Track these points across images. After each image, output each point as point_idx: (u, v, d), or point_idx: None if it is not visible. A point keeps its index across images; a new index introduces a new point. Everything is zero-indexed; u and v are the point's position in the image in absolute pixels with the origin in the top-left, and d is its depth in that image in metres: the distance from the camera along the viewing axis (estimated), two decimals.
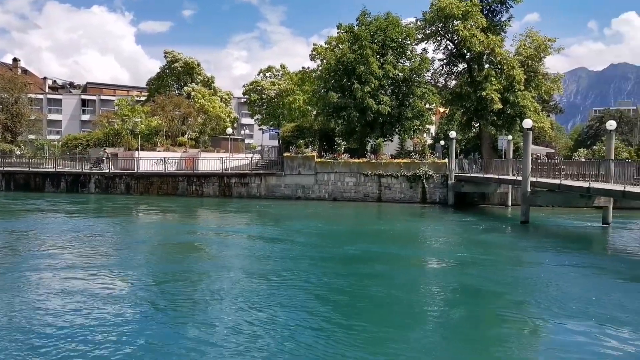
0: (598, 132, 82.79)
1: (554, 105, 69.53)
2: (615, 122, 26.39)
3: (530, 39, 42.63)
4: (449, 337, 9.46)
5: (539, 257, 17.43)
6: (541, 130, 47.11)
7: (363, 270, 14.64)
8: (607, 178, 23.52)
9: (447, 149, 37.98)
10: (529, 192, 25.41)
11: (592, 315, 10.43)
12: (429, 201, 35.74)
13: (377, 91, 39.71)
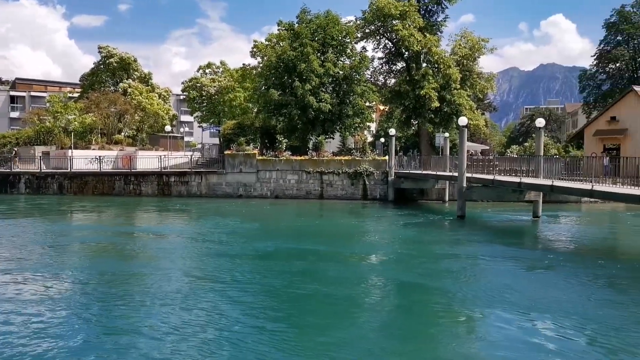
0: (529, 129, 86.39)
1: (488, 103, 72.12)
2: (544, 120, 27.67)
3: (465, 39, 43.99)
4: (386, 331, 9.66)
5: (474, 250, 18.05)
6: (476, 128, 48.70)
7: (302, 267, 14.71)
8: (537, 173, 24.65)
9: (387, 146, 38.67)
10: (464, 188, 26.23)
11: (523, 305, 10.90)
12: (370, 198, 36.28)
13: (318, 89, 39.92)
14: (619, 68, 69.46)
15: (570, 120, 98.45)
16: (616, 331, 9.27)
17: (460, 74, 42.18)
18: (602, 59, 69.72)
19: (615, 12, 68.81)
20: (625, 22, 67.59)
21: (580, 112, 78.89)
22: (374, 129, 69.85)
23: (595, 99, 69.79)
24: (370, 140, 62.37)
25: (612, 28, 68.95)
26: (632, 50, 68.93)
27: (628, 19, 67.58)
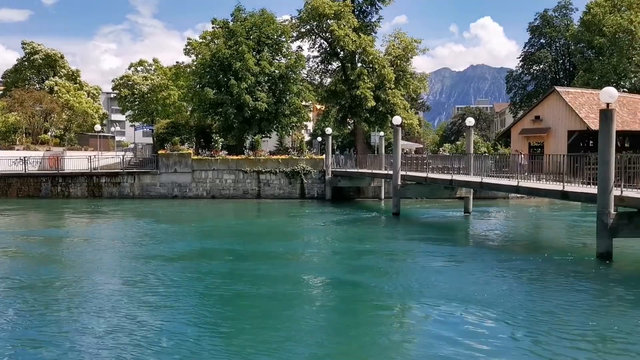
0: (460, 128, 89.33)
1: (421, 103, 74.05)
2: (474, 119, 28.70)
3: (399, 40, 44.93)
4: (321, 328, 9.72)
5: (408, 246, 18.48)
6: (410, 127, 49.80)
7: (237, 267, 14.57)
8: (467, 170, 25.54)
9: (324, 145, 38.93)
10: (399, 185, 26.78)
11: (455, 299, 11.25)
12: (307, 196, 36.41)
13: (254, 87, 39.66)
14: (543, 69, 72.94)
15: (498, 119, 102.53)
16: (538, 320, 9.72)
17: (394, 74, 43.05)
18: (527, 60, 73.02)
19: (539, 16, 72.22)
20: (548, 25, 71.04)
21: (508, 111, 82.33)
22: (311, 128, 70.21)
23: (521, 99, 73.02)
24: (308, 139, 62.61)
25: (536, 31, 72.31)
26: (554, 52, 72.54)
27: (550, 23, 71.06)
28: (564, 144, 37.13)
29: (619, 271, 13.80)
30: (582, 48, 63.63)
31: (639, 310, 10.41)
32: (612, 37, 58.29)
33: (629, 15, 58.68)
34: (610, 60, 58.94)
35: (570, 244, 19.19)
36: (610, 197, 14.30)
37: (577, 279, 12.96)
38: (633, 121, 38.86)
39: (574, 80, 62.38)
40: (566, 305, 10.63)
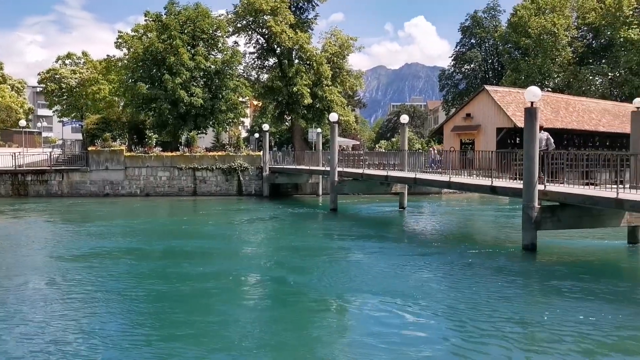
0: (396, 125, 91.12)
1: (358, 100, 75.01)
2: (408, 116, 29.35)
3: (335, 37, 45.30)
4: (257, 326, 9.70)
5: (345, 241, 18.71)
6: (347, 124, 50.38)
7: (172, 266, 14.29)
8: (402, 167, 26.14)
9: (262, 141, 38.73)
10: (336, 182, 27.05)
11: (389, 293, 11.50)
12: (245, 193, 36.12)
13: (189, 83, 38.91)
14: (473, 69, 75.56)
15: (432, 116, 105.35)
16: (468, 312, 10.10)
17: (331, 71, 43.38)
18: (459, 60, 75.43)
19: (469, 17, 74.70)
20: (478, 26, 73.61)
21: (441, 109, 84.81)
22: (248, 125, 69.70)
23: (453, 97, 75.38)
24: (245, 136, 62.13)
25: (467, 32, 74.81)
26: (484, 52, 75.27)
27: (480, 24, 73.67)
28: (493, 141, 38.63)
29: (543, 262, 14.52)
30: (509, 48, 66.38)
31: (561, 299, 10.99)
32: (537, 38, 61.13)
33: (552, 18, 61.69)
34: (535, 60, 61.75)
35: (498, 237, 20.02)
36: (535, 192, 15.02)
37: (504, 270, 13.53)
38: (556, 119, 40.93)
39: (502, 79, 65.03)
40: (494, 296, 11.09)
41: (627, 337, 8.67)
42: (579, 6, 65.23)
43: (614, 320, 9.35)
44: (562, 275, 12.82)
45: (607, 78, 63.47)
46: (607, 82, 63.61)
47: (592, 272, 13.24)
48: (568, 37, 62.58)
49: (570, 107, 44.14)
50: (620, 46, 60.30)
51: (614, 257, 15.76)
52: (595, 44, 66.40)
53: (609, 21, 60.98)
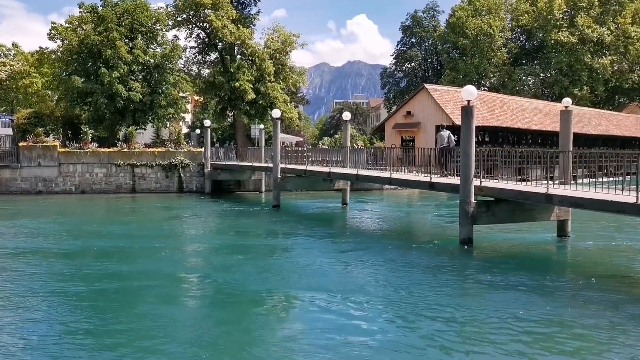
0: (339, 122, 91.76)
1: (301, 97, 75.10)
2: (350, 113, 29.63)
3: (278, 34, 45.10)
4: (199, 326, 9.57)
5: (288, 238, 18.72)
6: (291, 120, 50.31)
7: (107, 267, 13.87)
8: (345, 163, 26.39)
9: (203, 137, 38.13)
10: (279, 178, 27.00)
11: (334, 289, 11.60)
12: (186, 190, 35.48)
13: (127, 77, 37.78)
14: (414, 67, 77.12)
15: (374, 113, 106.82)
16: (408, 305, 10.34)
17: (274, 68, 43.18)
18: (400, 58, 76.79)
19: (410, 17, 76.14)
20: (418, 26, 75.15)
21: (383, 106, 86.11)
22: (189, 120, 68.47)
23: (395, 95, 76.68)
24: (186, 132, 61.01)
25: (407, 31, 76.24)
26: (424, 51, 76.92)
27: (420, 24, 75.24)
28: (432, 138, 39.59)
29: (478, 256, 15.03)
30: (448, 48, 68.18)
31: (495, 291, 11.41)
32: (474, 39, 63.06)
33: (488, 20, 63.78)
34: (472, 60, 63.69)
35: (436, 232, 20.55)
36: (471, 187, 15.51)
37: (442, 265, 13.90)
38: (492, 117, 42.38)
39: (441, 78, 66.71)
40: (432, 290, 11.39)
41: (556, 329, 9.09)
42: (513, 9, 67.74)
43: (545, 312, 9.78)
44: (496, 268, 13.30)
45: (539, 78, 66.28)
46: (539, 82, 66.41)
47: (525, 265, 13.80)
48: (503, 39, 64.91)
49: (505, 105, 45.79)
50: (551, 48, 63.12)
51: (545, 250, 16.50)
52: (528, 46, 69.19)
53: (541, 24, 63.70)
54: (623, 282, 12.19)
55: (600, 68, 61.86)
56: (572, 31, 61.88)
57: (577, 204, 13.57)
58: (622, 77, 64.81)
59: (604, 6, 65.46)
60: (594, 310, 9.85)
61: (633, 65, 64.98)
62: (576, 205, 13.72)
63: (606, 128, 54.30)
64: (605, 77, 63.31)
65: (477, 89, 50.19)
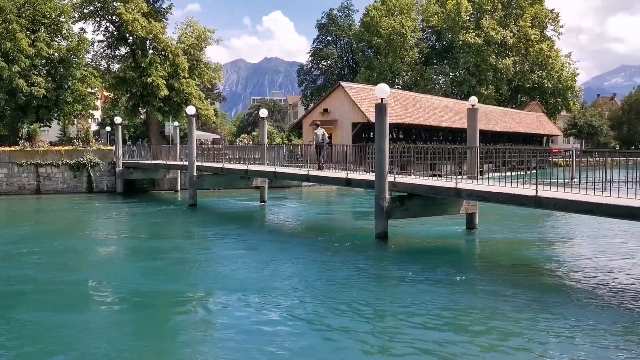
0: (256, 119, 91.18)
1: (217, 93, 73.95)
2: (267, 110, 29.50)
3: (192, 28, 44.12)
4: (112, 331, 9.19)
5: (205, 238, 18.37)
6: (207, 117, 49.43)
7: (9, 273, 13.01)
8: (262, 161, 26.25)
9: (114, 135, 36.59)
10: (195, 177, 26.43)
11: (252, 289, 11.51)
12: (96, 190, 33.91)
13: (28, 71, 35.55)
14: (330, 65, 78.07)
15: (292, 111, 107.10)
16: (326, 299, 10.46)
17: (188, 63, 42.21)
18: (316, 56, 77.49)
19: (326, 15, 76.98)
20: (334, 24, 76.12)
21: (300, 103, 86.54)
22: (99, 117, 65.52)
23: (312, 92, 77.30)
24: (95, 129, 58.36)
25: (323, 29, 77.05)
26: (339, 49, 78.05)
27: (336, 22, 76.25)
28: (349, 135, 40.27)
29: (393, 249, 15.46)
30: (363, 47, 69.64)
31: (408, 282, 11.78)
32: (388, 38, 64.79)
33: (401, 20, 65.72)
34: (386, 59, 65.39)
35: (353, 227, 20.94)
36: (385, 183, 15.91)
37: (357, 259, 14.16)
38: (405, 115, 43.72)
39: (357, 76, 68.03)
40: (349, 285, 11.58)
41: (466, 316, 9.52)
42: (424, 10, 70.26)
43: (455, 301, 10.22)
44: (410, 261, 13.74)
45: (448, 77, 69.21)
46: (449, 81, 69.36)
47: (436, 257, 14.35)
48: (415, 39, 67.16)
49: (417, 103, 47.39)
50: (459, 49, 66.11)
51: (454, 242, 17.25)
52: (438, 46, 72.08)
53: (450, 25, 66.52)
54: (525, 271, 12.97)
55: (504, 68, 65.54)
56: (478, 33, 65.09)
57: (483, 198, 14.31)
58: (524, 77, 69.05)
59: (507, 10, 69.40)
60: (500, 298, 10.40)
61: (533, 66, 69.43)
62: (482, 198, 14.47)
63: (510, 125, 57.59)
64: (509, 77, 67.18)
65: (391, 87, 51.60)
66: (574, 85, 73.82)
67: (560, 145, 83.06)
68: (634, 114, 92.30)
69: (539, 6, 71.02)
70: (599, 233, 18.17)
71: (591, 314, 9.35)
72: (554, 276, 12.44)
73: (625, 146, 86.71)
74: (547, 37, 72.66)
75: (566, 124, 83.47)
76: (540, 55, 68.29)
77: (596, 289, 11.00)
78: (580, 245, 16.51)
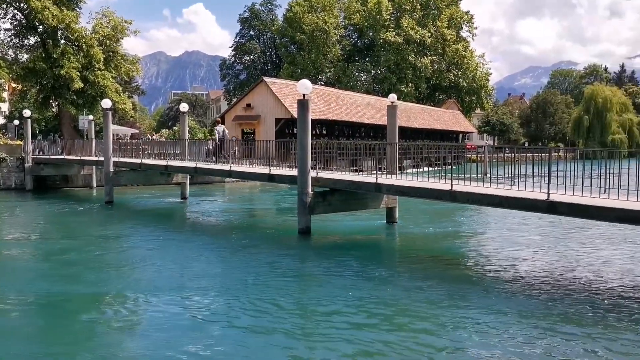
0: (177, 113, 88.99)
1: (136, 86, 71.40)
2: (187, 105, 28.84)
3: (107, 19, 42.29)
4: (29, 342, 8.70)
5: (123, 238, 17.72)
6: (124, 111, 47.60)
7: None
8: (183, 156, 25.66)
9: (23, 129, 34.46)
10: (112, 172, 25.44)
11: (173, 288, 11.24)
12: (3, 187, 31.83)
13: None
14: (253, 60, 77.44)
15: (214, 105, 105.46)
16: (249, 295, 10.39)
17: (103, 55, 40.45)
18: (239, 50, 76.61)
19: (248, 9, 76.21)
20: (256, 18, 75.52)
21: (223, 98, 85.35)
22: (7, 110, 61.62)
23: (235, 87, 76.40)
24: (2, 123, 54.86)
25: (246, 23, 76.25)
26: (262, 44, 77.56)
27: (258, 16, 75.69)
28: (272, 131, 40.20)
29: (316, 244, 15.59)
30: (286, 42, 69.61)
31: (330, 277, 11.93)
32: (311, 34, 65.13)
33: (324, 17, 66.24)
34: (309, 55, 65.73)
35: (276, 223, 20.93)
36: (308, 179, 16.02)
37: (280, 255, 14.17)
38: (328, 111, 44.19)
39: (280, 71, 67.93)
40: (272, 280, 11.58)
41: (387, 308, 9.78)
42: (346, 7, 71.20)
43: (377, 297, 10.46)
44: (332, 256, 13.89)
45: (370, 75, 70.60)
46: (371, 79, 70.78)
47: (358, 251, 14.61)
48: (337, 36, 67.93)
49: (340, 100, 48.03)
50: (380, 47, 67.60)
51: (375, 236, 17.63)
52: (360, 44, 73.33)
53: (371, 23, 67.83)
54: (442, 263, 13.49)
55: (422, 67, 67.70)
56: (398, 32, 66.81)
57: (402, 192, 14.73)
58: (441, 76, 71.66)
59: (425, 10, 71.70)
60: (419, 290, 10.74)
61: (450, 66, 72.21)
62: (401, 193, 14.90)
63: (429, 122, 59.63)
64: (427, 76, 69.48)
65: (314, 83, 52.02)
66: (487, 85, 77.58)
67: (475, 141, 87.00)
68: (541, 113, 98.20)
69: (455, 8, 73.96)
70: (509, 225, 19.21)
71: (501, 302, 9.87)
72: (468, 267, 13.02)
73: (533, 143, 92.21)
74: (463, 38, 75.87)
75: (480, 121, 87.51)
76: (456, 55, 71.13)
77: (505, 278, 11.62)
78: (491, 237, 17.37)
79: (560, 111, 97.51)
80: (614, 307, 9.45)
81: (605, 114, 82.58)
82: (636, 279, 11.55)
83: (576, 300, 9.87)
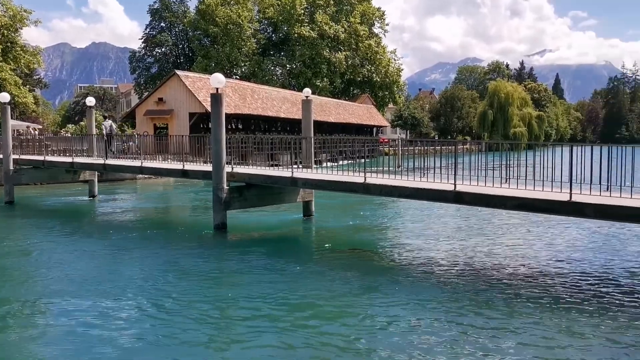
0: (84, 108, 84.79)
1: (38, 79, 67.26)
2: (94, 98, 27.57)
3: (4, 7, 39.54)
4: None
5: (26, 238, 16.70)
6: (25, 106, 44.75)
7: None
8: (91, 152, 24.52)
9: None
10: (12, 171, 23.88)
11: (88, 292, 10.74)
12: None
13: None
14: (165, 53, 75.18)
15: (124, 99, 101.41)
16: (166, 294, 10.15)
17: (1, 46, 37.80)
18: (149, 43, 74.08)
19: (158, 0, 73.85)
20: (167, 10, 73.30)
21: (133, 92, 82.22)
22: None
23: (146, 81, 73.84)
24: None
25: (156, 14, 73.83)
26: (174, 37, 75.46)
27: (169, 8, 73.50)
28: (186, 125, 39.29)
29: (233, 240, 15.46)
30: (199, 35, 68.12)
31: (247, 273, 11.89)
32: (224, 27, 64.15)
33: (237, 10, 65.42)
34: (224, 48, 64.74)
35: (192, 219, 20.53)
36: (223, 174, 15.83)
37: (195, 251, 13.93)
38: (243, 105, 43.78)
39: (194, 65, 66.38)
40: (186, 278, 11.37)
41: (304, 304, 9.88)
42: (260, 1, 70.71)
43: (295, 290, 10.53)
44: (249, 252, 13.82)
45: (285, 69, 70.62)
46: (286, 73, 70.82)
47: (275, 245, 14.65)
48: (252, 29, 67.37)
49: (255, 94, 47.73)
50: (295, 41, 67.79)
51: (292, 230, 17.72)
52: (275, 38, 73.14)
53: (285, 18, 67.82)
54: (358, 255, 13.79)
55: (337, 62, 68.62)
56: (312, 27, 67.27)
57: (317, 186, 14.93)
58: (355, 71, 72.98)
59: (338, 5, 72.63)
60: (337, 282, 10.95)
61: (363, 61, 73.68)
62: (317, 186, 15.09)
63: (344, 116, 60.60)
64: (342, 71, 70.51)
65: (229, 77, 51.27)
66: (399, 80, 79.93)
67: (389, 135, 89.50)
68: (449, 107, 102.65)
69: (366, 4, 75.51)
70: (421, 216, 19.97)
71: (412, 292, 10.28)
72: (382, 258, 13.43)
73: (442, 136, 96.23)
74: (375, 34, 77.66)
75: (393, 115, 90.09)
76: (369, 51, 72.69)
77: (415, 269, 12.10)
78: (403, 229, 18.01)
79: (467, 106, 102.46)
80: (516, 292, 10.10)
81: (508, 108, 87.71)
82: (537, 265, 12.41)
83: (482, 287, 10.46)
